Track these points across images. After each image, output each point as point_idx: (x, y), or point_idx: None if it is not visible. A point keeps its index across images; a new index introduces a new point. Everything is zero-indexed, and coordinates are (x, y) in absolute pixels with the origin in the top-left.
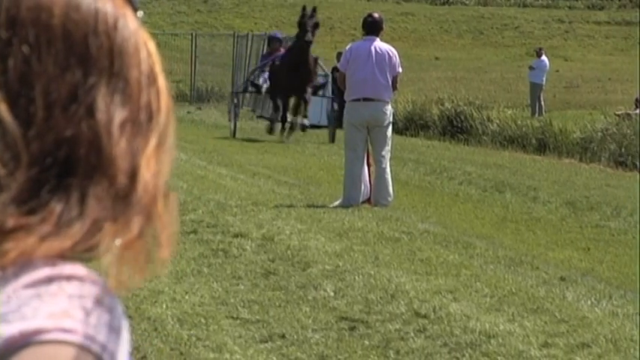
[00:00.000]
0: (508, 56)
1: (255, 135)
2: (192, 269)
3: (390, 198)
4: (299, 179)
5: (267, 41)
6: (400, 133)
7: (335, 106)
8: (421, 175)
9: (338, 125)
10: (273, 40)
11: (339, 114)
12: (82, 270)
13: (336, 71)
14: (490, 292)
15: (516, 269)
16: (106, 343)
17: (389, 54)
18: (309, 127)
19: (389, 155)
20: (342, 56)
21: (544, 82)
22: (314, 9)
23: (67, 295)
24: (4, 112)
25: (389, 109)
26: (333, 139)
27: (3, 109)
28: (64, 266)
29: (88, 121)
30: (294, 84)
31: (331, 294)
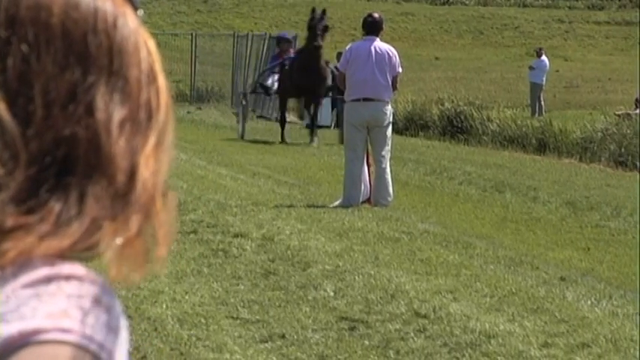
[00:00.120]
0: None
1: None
2: (192, 269)
3: (390, 198)
4: (299, 179)
5: (276, 42)
6: (400, 133)
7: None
8: (421, 175)
9: None
10: (282, 41)
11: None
12: (80, 269)
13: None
14: (490, 292)
15: (516, 269)
16: (104, 342)
17: (389, 54)
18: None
19: (389, 155)
20: (342, 56)
21: (544, 82)
22: (323, 11)
23: (66, 295)
24: (2, 111)
25: (389, 109)
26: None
27: (2, 108)
28: (62, 266)
29: (87, 120)
30: (303, 87)
31: (331, 294)
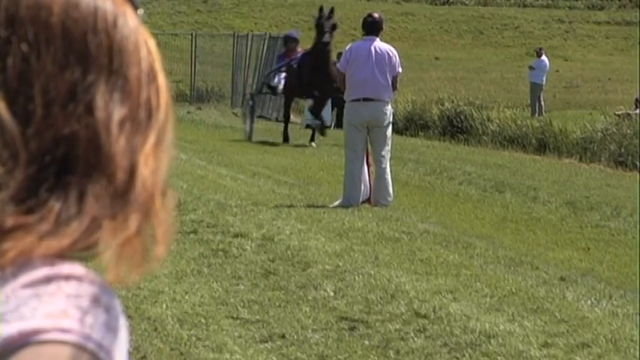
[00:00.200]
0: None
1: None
2: (192, 269)
3: (390, 198)
4: (299, 179)
5: (283, 41)
6: (400, 133)
7: None
8: (421, 175)
9: None
10: (289, 40)
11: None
12: (80, 269)
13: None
14: (490, 292)
15: (516, 269)
16: (102, 340)
17: (389, 54)
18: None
19: (389, 155)
20: (342, 56)
21: (544, 82)
22: (332, 9)
23: (65, 295)
24: (2, 110)
25: (389, 109)
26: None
27: (2, 107)
28: (62, 266)
29: (86, 119)
30: (312, 86)
31: (331, 294)
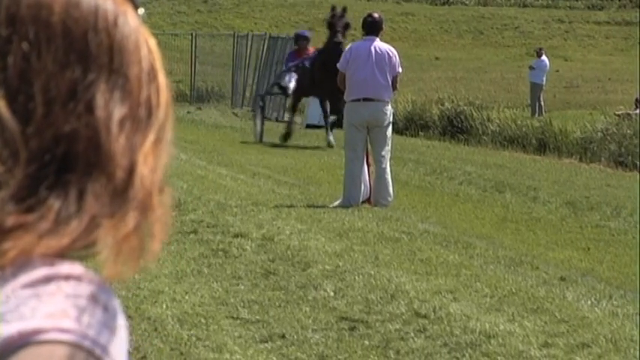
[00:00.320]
0: (508, 56)
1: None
2: (192, 269)
3: (390, 198)
4: (299, 179)
5: (294, 39)
6: (400, 133)
7: None
8: (421, 175)
9: None
10: (300, 39)
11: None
12: (79, 269)
13: None
14: (490, 292)
15: (516, 269)
16: (98, 338)
17: (389, 54)
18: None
19: (389, 155)
20: (342, 56)
21: (544, 82)
22: (344, 8)
23: (65, 295)
24: (3, 108)
25: (389, 109)
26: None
27: (2, 105)
28: (61, 265)
29: (87, 118)
30: (323, 86)
31: (331, 294)
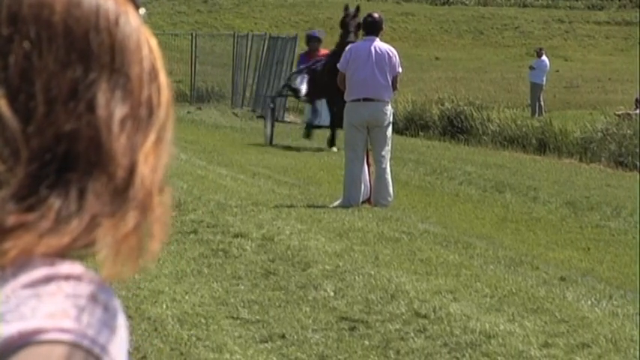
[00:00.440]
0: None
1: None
2: (192, 269)
3: (390, 198)
4: (299, 179)
5: (305, 40)
6: (400, 133)
7: None
8: (421, 175)
9: None
10: (312, 40)
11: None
12: (79, 268)
13: None
14: (490, 292)
15: (516, 269)
16: (97, 337)
17: (389, 54)
18: None
19: (389, 155)
20: (342, 56)
21: (544, 82)
22: (357, 8)
23: (65, 295)
24: (4, 107)
25: (389, 109)
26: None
27: (3, 104)
28: (61, 265)
29: (88, 117)
30: (334, 87)
31: (331, 294)
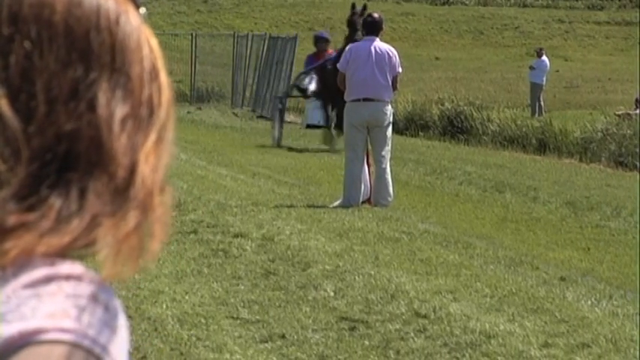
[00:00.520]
0: (508, 56)
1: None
2: (192, 269)
3: (390, 198)
4: (299, 179)
5: (313, 41)
6: (400, 133)
7: None
8: (421, 175)
9: None
10: (320, 40)
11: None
12: (79, 268)
13: None
14: (490, 292)
15: (516, 269)
16: (98, 337)
17: (389, 54)
18: None
19: (389, 155)
20: (342, 56)
21: (544, 82)
22: (364, 6)
23: (65, 295)
24: (4, 107)
25: (389, 109)
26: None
27: (4, 104)
28: (62, 265)
29: (88, 117)
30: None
31: (331, 294)
